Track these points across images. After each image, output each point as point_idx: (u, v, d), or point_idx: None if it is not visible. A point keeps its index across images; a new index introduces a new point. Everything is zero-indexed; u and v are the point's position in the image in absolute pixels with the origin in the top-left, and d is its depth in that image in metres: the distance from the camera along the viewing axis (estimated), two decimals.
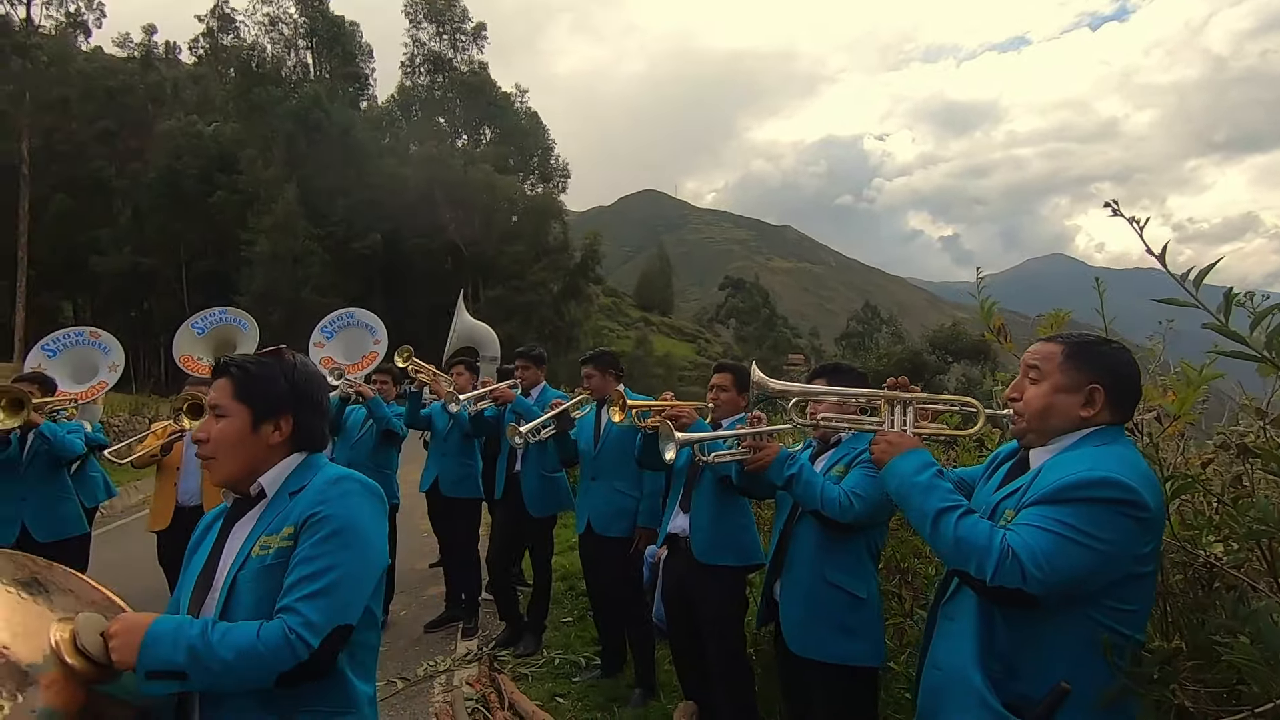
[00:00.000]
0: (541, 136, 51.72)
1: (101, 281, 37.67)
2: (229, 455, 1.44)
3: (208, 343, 8.39)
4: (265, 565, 1.35)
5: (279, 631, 1.26)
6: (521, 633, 4.45)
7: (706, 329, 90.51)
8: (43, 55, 37.76)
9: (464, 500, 4.88)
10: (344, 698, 1.38)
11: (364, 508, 1.43)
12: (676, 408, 3.04)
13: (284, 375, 1.48)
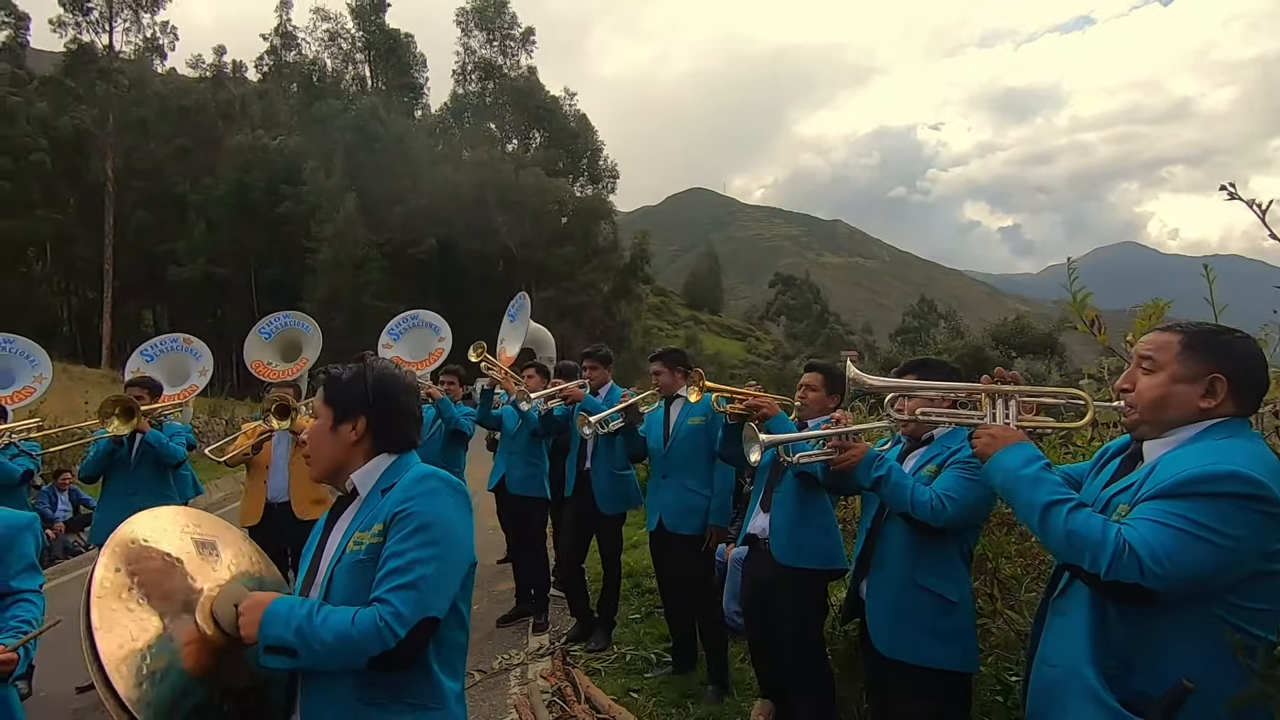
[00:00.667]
0: (590, 138, 52.18)
1: (178, 291, 39.77)
2: (317, 453, 1.58)
3: (274, 347, 8.78)
4: (357, 560, 1.43)
5: (371, 619, 1.33)
6: (592, 628, 4.52)
7: (757, 327, 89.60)
8: (124, 79, 40.09)
9: (530, 498, 4.97)
10: (432, 692, 1.45)
11: (449, 504, 1.49)
12: (758, 398, 3.04)
13: (362, 379, 1.58)
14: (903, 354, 39.14)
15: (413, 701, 1.42)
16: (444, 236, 43.05)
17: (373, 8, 48.30)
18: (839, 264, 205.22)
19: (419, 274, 42.03)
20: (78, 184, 38.74)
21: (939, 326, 68.76)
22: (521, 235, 45.04)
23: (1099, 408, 1.66)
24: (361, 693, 1.38)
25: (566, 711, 3.48)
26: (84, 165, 38.55)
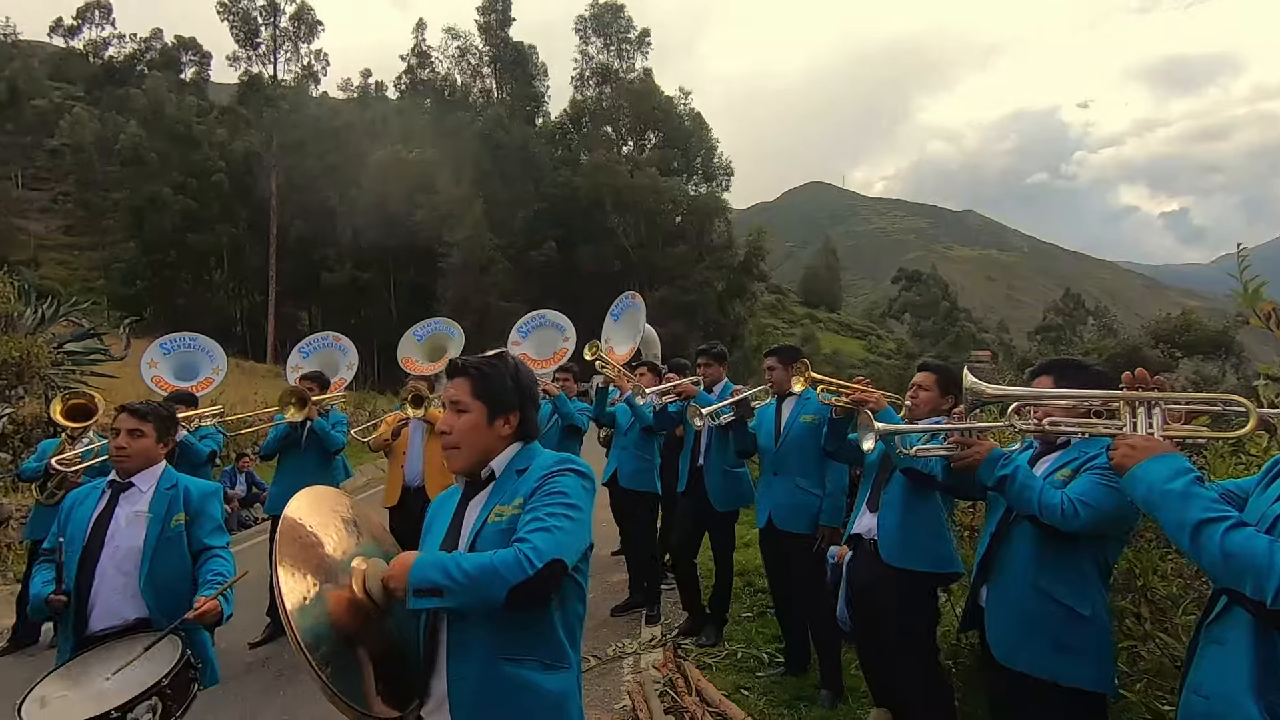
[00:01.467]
0: (704, 137, 52.05)
1: (329, 294, 43.78)
2: (469, 445, 1.66)
3: (424, 348, 9.54)
4: (500, 529, 1.56)
5: (511, 551, 1.45)
6: (703, 624, 4.55)
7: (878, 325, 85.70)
8: (285, 104, 44.70)
9: (642, 493, 5.07)
10: (560, 653, 1.58)
11: (580, 484, 1.62)
12: (866, 391, 2.96)
13: (510, 375, 1.69)
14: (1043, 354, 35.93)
15: (543, 660, 1.54)
16: (562, 239, 44.60)
17: (499, 23, 50.79)
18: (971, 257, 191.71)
19: (539, 275, 43.76)
20: (248, 201, 43.63)
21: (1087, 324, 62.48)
22: (636, 235, 45.77)
23: (1268, 415, 1.48)
24: (499, 649, 1.51)
25: (677, 702, 3.54)
26: (253, 184, 43.37)
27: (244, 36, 45.53)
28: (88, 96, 59.19)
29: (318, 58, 47.92)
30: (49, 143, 52.58)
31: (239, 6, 45.20)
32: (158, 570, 2.51)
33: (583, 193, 45.95)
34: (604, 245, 45.32)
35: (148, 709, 2.09)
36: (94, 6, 66.09)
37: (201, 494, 2.67)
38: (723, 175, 52.05)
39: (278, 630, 4.98)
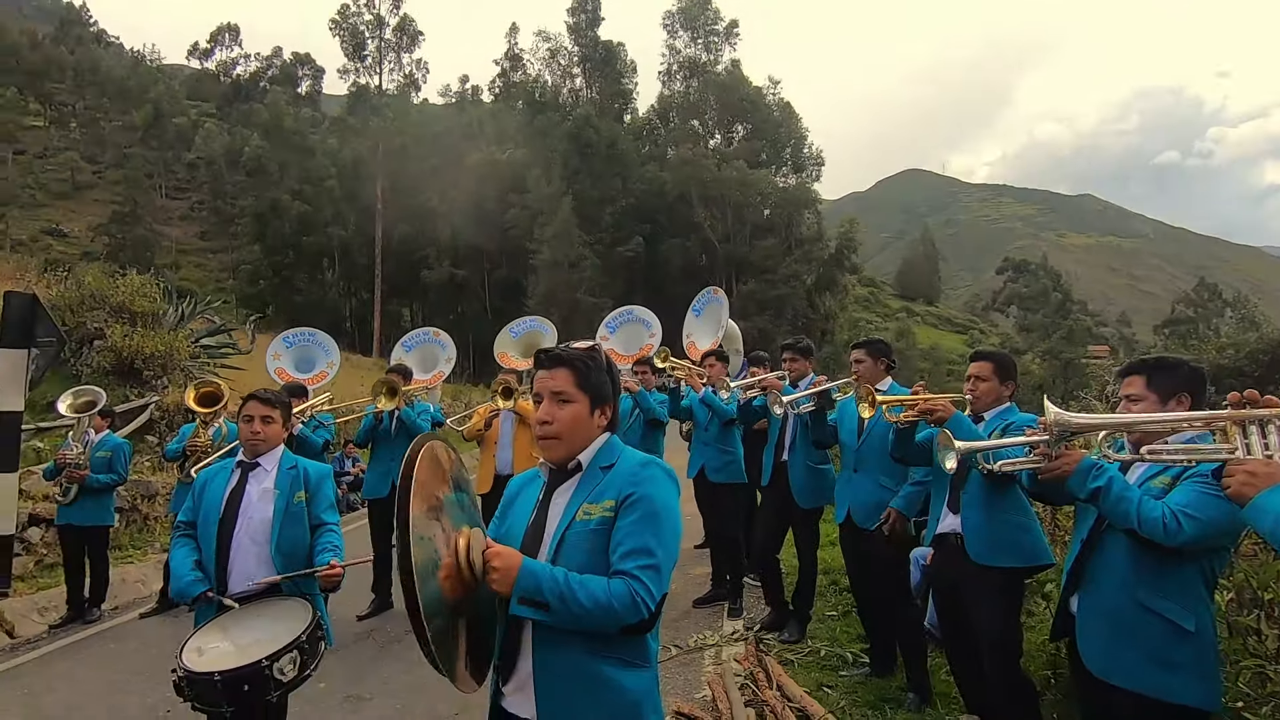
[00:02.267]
0: (794, 127, 50.97)
1: (429, 290, 46.10)
2: (571, 436, 1.66)
3: (520, 344, 9.94)
4: (589, 529, 1.59)
5: (628, 593, 1.48)
6: (786, 619, 4.51)
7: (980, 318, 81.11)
8: (389, 113, 47.30)
9: (728, 485, 5.08)
10: (643, 652, 1.62)
11: (670, 491, 1.64)
12: (930, 401, 2.87)
13: (606, 368, 1.72)
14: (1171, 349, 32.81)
15: (627, 659, 1.58)
16: (649, 234, 44.91)
17: (588, 23, 51.62)
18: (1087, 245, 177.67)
19: (626, 270, 44.29)
20: (356, 204, 46.55)
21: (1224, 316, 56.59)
22: (723, 229, 45.43)
23: None
24: (588, 645, 1.54)
25: (758, 696, 3.54)
26: (360, 188, 46.23)
27: (353, 50, 48.50)
28: (219, 113, 64.89)
29: (418, 66, 50.45)
30: (186, 156, 58.07)
31: (349, 22, 48.17)
32: (284, 540, 2.80)
33: (670, 187, 46.08)
34: (690, 239, 45.30)
35: (290, 660, 2.42)
36: (225, 30, 72.33)
37: (318, 475, 2.98)
38: (813, 165, 50.85)
39: (382, 605, 5.36)
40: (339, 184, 46.52)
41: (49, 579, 6.10)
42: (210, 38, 73.11)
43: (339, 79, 50.60)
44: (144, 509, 7.59)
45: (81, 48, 64.51)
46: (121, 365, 10.17)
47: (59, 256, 35.90)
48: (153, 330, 11.05)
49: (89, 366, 10.27)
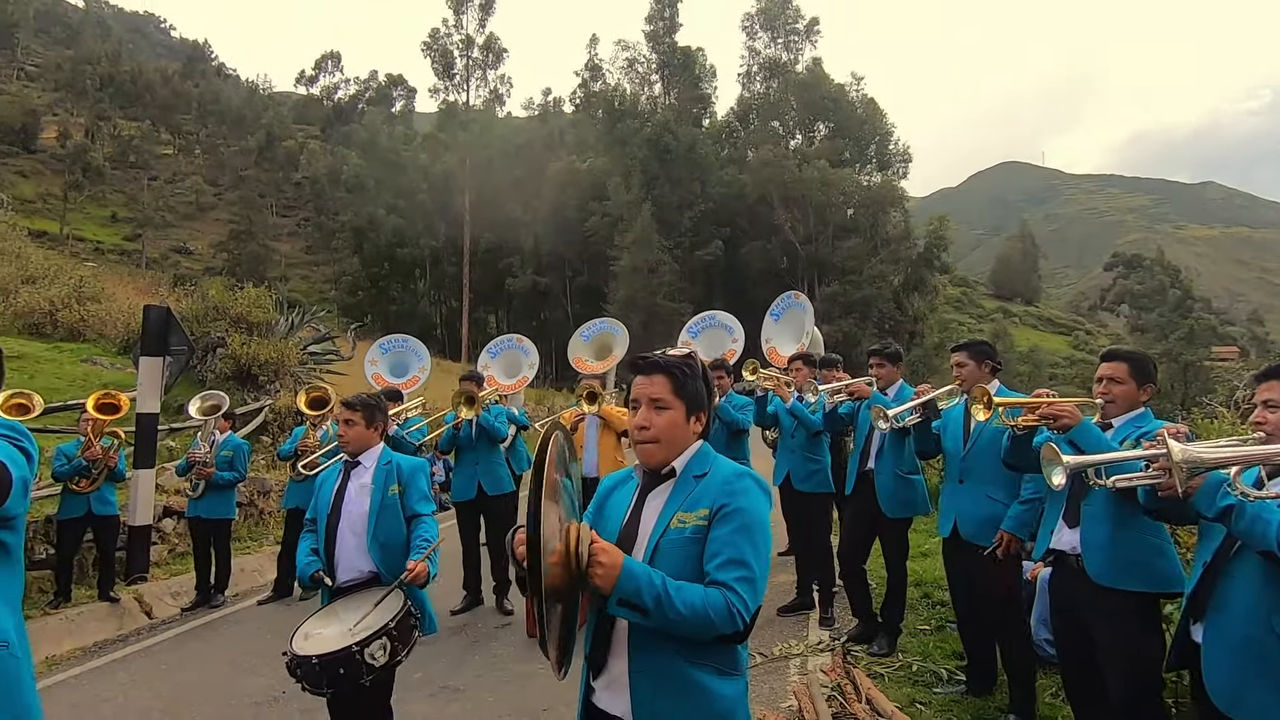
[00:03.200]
0: (878, 123, 49.38)
1: (514, 298, 47.54)
2: (668, 442, 1.69)
3: (592, 347, 10.10)
4: (684, 537, 1.61)
5: (724, 604, 1.50)
6: (875, 632, 4.38)
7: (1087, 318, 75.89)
8: (476, 127, 49.20)
9: (815, 494, 4.99)
10: (736, 660, 1.64)
11: (763, 503, 1.66)
12: (1054, 405, 2.68)
13: (701, 376, 1.74)
14: None
15: (720, 666, 1.60)
16: (729, 237, 44.60)
17: (665, 30, 51.93)
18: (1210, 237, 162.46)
19: (705, 274, 44.16)
20: (445, 216, 48.62)
21: None
22: (804, 230, 44.53)
23: None
24: (682, 650, 1.57)
25: (845, 709, 3.46)
26: (449, 201, 48.27)
27: (443, 69, 50.78)
28: (322, 135, 69.40)
29: (503, 82, 52.23)
30: (294, 176, 62.42)
31: (439, 44, 50.48)
32: (380, 532, 2.99)
33: (749, 190, 45.63)
34: (771, 242, 44.66)
35: (380, 646, 2.59)
36: (328, 57, 77.36)
37: (411, 469, 3.14)
38: (899, 162, 49.09)
39: (473, 602, 5.59)
40: (429, 197, 48.76)
41: (180, 566, 6.70)
42: (315, 65, 78.42)
43: (429, 97, 53.11)
44: (260, 504, 8.21)
45: (204, 81, 70.59)
46: (240, 371, 11.05)
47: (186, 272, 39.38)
48: (266, 339, 11.96)
49: (212, 372, 11.20)
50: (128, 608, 5.74)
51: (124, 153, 54.70)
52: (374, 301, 47.94)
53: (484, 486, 5.53)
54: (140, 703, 4.15)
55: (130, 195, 53.51)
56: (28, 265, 14.97)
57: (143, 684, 4.42)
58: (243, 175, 57.65)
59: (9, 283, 13.74)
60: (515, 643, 4.86)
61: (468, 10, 50.18)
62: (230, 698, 4.14)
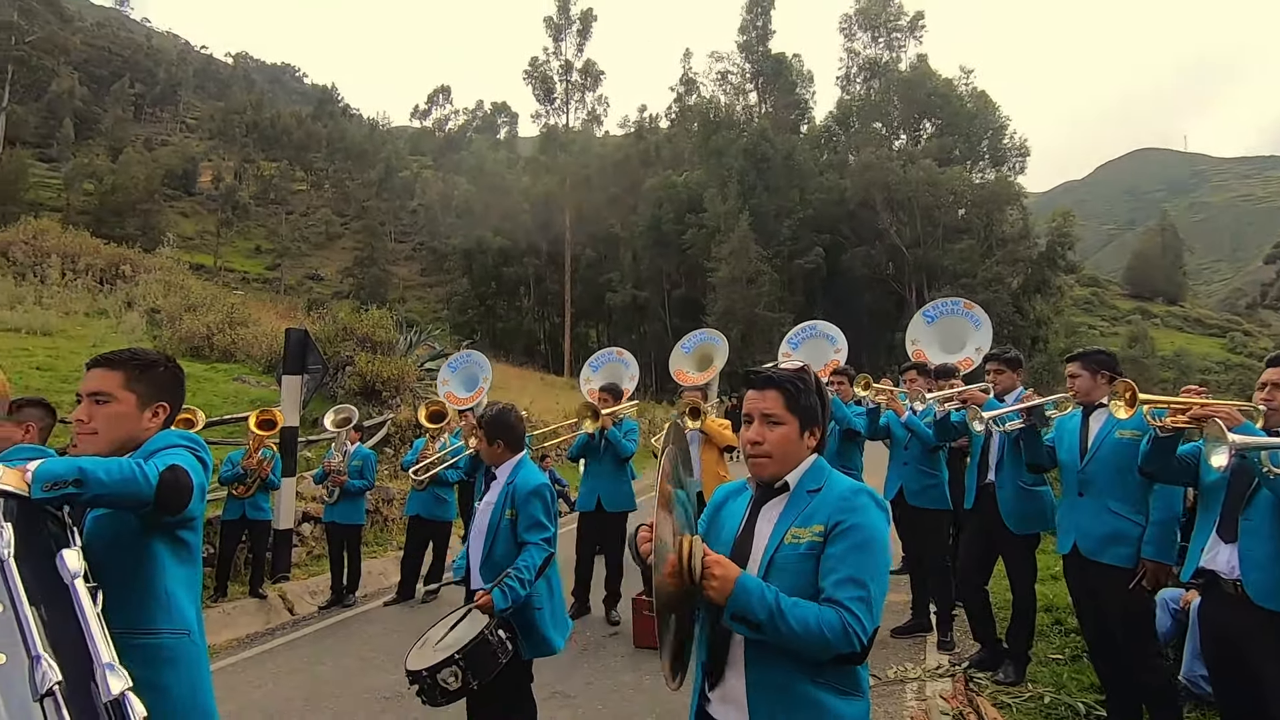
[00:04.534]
0: (991, 117, 46.65)
1: (613, 312, 48.43)
2: (781, 456, 1.69)
3: (693, 358, 10.10)
4: (798, 553, 1.60)
5: (839, 623, 1.48)
6: (1001, 659, 4.12)
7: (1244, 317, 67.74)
8: (575, 147, 50.81)
9: (930, 510, 4.77)
10: (857, 681, 1.61)
11: (881, 521, 1.63)
12: (1209, 406, 2.44)
13: (815, 390, 1.73)
14: None
15: (841, 686, 1.57)
16: (829, 244, 43.45)
17: (758, 39, 51.59)
18: None
19: (805, 282, 43.18)
20: (547, 235, 50.38)
21: None
22: (911, 234, 42.64)
23: None
24: (800, 668, 1.55)
25: None
26: (550, 220, 49.99)
27: (543, 94, 52.85)
28: (434, 164, 73.89)
29: (600, 102, 53.66)
30: (410, 204, 66.72)
31: (539, 70, 52.62)
32: (495, 551, 3.01)
33: (850, 194, 44.30)
34: (875, 247, 43.10)
35: (451, 673, 2.62)
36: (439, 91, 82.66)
37: (525, 494, 3.03)
38: (1015, 157, 46.13)
39: (580, 610, 5.72)
40: (532, 217, 50.73)
41: (317, 567, 7.28)
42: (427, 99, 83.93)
43: (531, 122, 55.44)
44: (384, 511, 8.79)
45: (332, 121, 77.07)
46: (366, 387, 11.92)
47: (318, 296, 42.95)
48: (388, 356, 12.86)
49: (342, 389, 12.15)
50: (274, 604, 6.30)
51: (265, 191, 60.71)
52: (482, 319, 50.24)
53: (604, 502, 5.65)
54: (285, 691, 4.54)
55: (271, 229, 59.15)
56: (189, 295, 16.87)
57: (287, 674, 4.84)
58: (365, 206, 62.30)
59: (175, 311, 15.53)
60: (623, 653, 4.94)
61: (566, 37, 52.04)
62: (362, 692, 4.46)
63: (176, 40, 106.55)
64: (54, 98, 57.71)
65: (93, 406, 1.83)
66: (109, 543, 1.70)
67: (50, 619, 1.27)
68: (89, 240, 19.44)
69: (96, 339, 12.84)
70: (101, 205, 48.31)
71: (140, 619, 1.73)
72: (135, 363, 1.90)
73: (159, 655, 1.74)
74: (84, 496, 1.48)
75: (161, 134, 68.79)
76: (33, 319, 13.55)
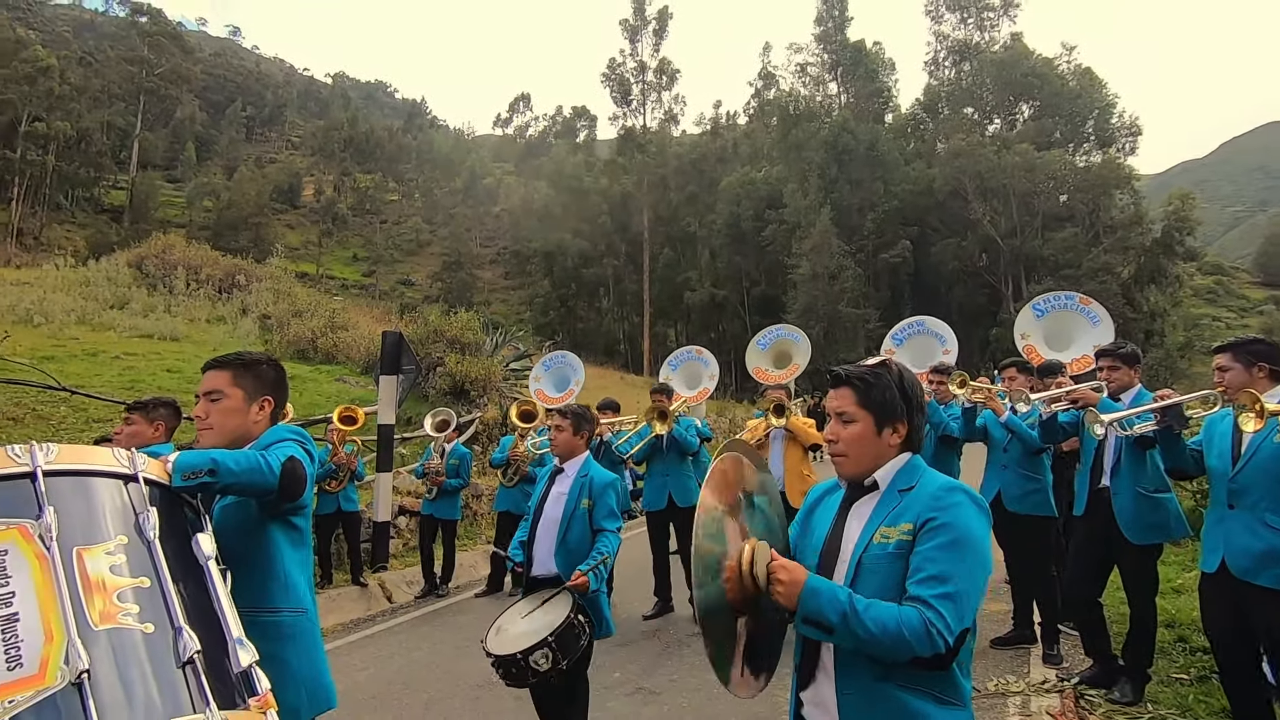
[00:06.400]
0: (1096, 95, 43.46)
1: (692, 311, 48.31)
2: (858, 454, 1.64)
3: (770, 354, 9.93)
4: (887, 553, 1.54)
5: (920, 623, 1.41)
6: (1117, 676, 3.82)
7: None
8: (652, 148, 51.03)
9: (1031, 517, 4.49)
10: (957, 689, 1.52)
11: (976, 519, 1.54)
12: None
13: (895, 384, 1.66)
14: None
15: (939, 694, 1.49)
16: (917, 236, 41.71)
17: (836, 28, 50.15)
18: None
19: (891, 277, 41.66)
20: (625, 236, 50.86)
21: None
22: (1007, 224, 40.33)
23: None
24: (891, 675, 1.49)
25: None
26: (628, 221, 50.43)
27: (620, 96, 53.37)
28: (515, 170, 76.06)
29: (676, 101, 53.67)
30: (493, 210, 68.98)
31: (616, 73, 53.17)
32: (568, 539, 3.22)
33: (939, 184, 42.36)
34: (966, 238, 41.01)
35: (543, 655, 2.77)
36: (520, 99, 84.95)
37: (602, 485, 3.31)
38: (1125, 136, 42.76)
39: (664, 609, 5.74)
40: (610, 219, 51.30)
41: (412, 558, 7.64)
42: (509, 107, 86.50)
43: (609, 124, 56.04)
44: (474, 507, 9.12)
45: (420, 133, 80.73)
46: (455, 387, 12.41)
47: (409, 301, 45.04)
48: (475, 357, 13.33)
49: (433, 388, 12.69)
50: (373, 592, 6.66)
51: (361, 202, 64.34)
52: (563, 320, 51.27)
53: (674, 497, 5.69)
54: (386, 674, 4.79)
55: (366, 238, 62.56)
56: (295, 302, 18.09)
57: (386, 658, 5.10)
58: (452, 213, 64.87)
59: (283, 317, 16.69)
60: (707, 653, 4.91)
61: (641, 38, 52.34)
62: (455, 678, 4.64)
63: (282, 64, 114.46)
64: (178, 123, 63.25)
65: (208, 404, 2.01)
66: (234, 529, 1.85)
67: (189, 595, 1.39)
68: (209, 253, 21.24)
69: (216, 343, 13.97)
70: (219, 220, 52.54)
71: (263, 598, 1.87)
72: (240, 362, 2.09)
73: (280, 632, 1.87)
74: (217, 485, 1.61)
75: (270, 152, 73.98)
76: (163, 326, 14.90)
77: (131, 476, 1.44)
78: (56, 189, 47.84)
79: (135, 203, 51.62)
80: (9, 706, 1.10)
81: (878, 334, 32.93)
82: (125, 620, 1.26)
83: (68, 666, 1.15)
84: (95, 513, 1.36)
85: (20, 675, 1.13)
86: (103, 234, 44.86)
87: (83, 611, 1.22)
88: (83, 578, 1.26)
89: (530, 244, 57.35)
